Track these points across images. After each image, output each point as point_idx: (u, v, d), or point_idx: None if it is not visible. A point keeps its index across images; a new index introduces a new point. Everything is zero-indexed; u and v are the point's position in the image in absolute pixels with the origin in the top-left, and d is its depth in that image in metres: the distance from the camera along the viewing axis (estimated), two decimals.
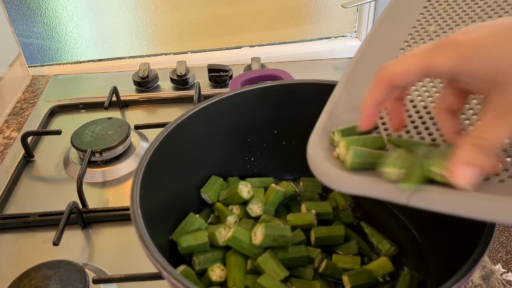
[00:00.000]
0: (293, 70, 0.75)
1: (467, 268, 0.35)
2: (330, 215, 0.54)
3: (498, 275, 1.48)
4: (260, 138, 0.59)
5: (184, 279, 0.35)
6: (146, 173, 0.45)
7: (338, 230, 0.52)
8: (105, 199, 0.68)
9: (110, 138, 0.73)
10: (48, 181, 0.72)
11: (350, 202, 0.57)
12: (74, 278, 0.53)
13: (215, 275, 0.47)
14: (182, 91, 0.91)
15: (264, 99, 0.56)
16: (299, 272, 0.48)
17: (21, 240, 0.62)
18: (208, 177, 0.57)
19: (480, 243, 0.37)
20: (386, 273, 0.49)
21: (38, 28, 1.03)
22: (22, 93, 0.95)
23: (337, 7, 1.10)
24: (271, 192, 0.54)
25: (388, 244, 0.52)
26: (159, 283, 0.52)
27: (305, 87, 0.56)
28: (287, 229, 0.49)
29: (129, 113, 0.86)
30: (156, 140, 0.48)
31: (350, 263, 0.50)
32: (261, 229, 0.47)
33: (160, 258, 0.37)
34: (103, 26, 1.06)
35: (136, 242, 0.39)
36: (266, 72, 0.72)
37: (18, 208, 0.67)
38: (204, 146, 0.55)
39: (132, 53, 1.10)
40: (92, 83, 0.96)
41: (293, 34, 1.13)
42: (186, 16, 1.08)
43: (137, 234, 0.39)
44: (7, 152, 0.78)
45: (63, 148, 0.78)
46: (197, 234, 0.49)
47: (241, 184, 0.53)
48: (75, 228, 0.63)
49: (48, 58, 1.08)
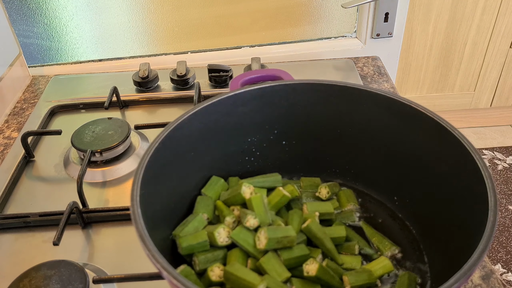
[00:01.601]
0: (293, 70, 0.76)
1: (467, 268, 0.35)
2: (331, 215, 0.54)
3: (498, 275, 1.48)
4: (260, 138, 0.59)
5: (184, 279, 0.35)
6: (146, 173, 0.44)
7: (340, 230, 0.52)
8: (105, 199, 0.68)
9: (110, 138, 0.73)
10: (48, 181, 0.72)
11: (355, 203, 0.57)
12: (74, 278, 0.53)
13: (214, 275, 0.47)
14: (182, 91, 0.91)
15: (264, 99, 0.56)
16: (299, 272, 0.48)
17: (21, 240, 0.62)
18: (208, 177, 0.57)
19: (480, 243, 0.37)
20: (386, 273, 0.49)
21: (38, 28, 1.04)
22: (22, 93, 0.95)
23: (337, 7, 1.11)
24: (277, 195, 0.54)
25: (389, 244, 0.52)
26: (159, 283, 0.52)
27: (305, 87, 0.56)
28: (290, 229, 0.48)
29: (129, 113, 0.86)
30: (156, 140, 0.48)
31: (351, 263, 0.50)
32: (264, 233, 0.47)
33: (160, 258, 0.37)
34: (103, 26, 1.07)
35: (136, 242, 0.39)
36: (267, 73, 0.72)
37: (18, 208, 0.67)
38: (204, 146, 0.55)
39: (132, 53, 1.10)
40: (92, 83, 0.96)
41: (293, 34, 1.14)
42: (186, 16, 1.08)
43: (137, 234, 0.39)
44: (7, 152, 0.78)
45: (63, 148, 0.78)
46: (197, 233, 0.49)
47: (243, 185, 0.53)
48: (75, 228, 0.63)
49: (48, 58, 1.08)
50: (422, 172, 0.52)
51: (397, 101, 0.52)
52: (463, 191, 0.46)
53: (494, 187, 0.41)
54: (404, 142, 0.54)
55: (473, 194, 0.43)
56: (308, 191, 0.58)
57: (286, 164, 0.61)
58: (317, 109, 0.57)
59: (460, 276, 0.35)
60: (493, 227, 0.38)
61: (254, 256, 0.48)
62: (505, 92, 1.91)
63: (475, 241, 0.38)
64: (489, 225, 0.38)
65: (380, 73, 0.96)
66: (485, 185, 0.41)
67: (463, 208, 0.45)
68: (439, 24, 1.69)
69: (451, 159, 0.48)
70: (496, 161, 1.89)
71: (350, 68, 0.97)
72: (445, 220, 0.49)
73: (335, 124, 0.58)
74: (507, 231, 1.60)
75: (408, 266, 0.51)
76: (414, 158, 0.53)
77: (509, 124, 2.08)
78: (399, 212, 0.56)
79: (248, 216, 0.49)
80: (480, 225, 0.39)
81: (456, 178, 0.47)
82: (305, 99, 0.56)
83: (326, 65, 0.98)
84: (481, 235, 0.38)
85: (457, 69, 1.82)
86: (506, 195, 1.74)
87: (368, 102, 0.54)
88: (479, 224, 0.39)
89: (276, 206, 0.54)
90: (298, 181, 0.60)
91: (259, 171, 0.60)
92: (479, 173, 0.43)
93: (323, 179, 0.61)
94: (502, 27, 1.73)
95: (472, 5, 1.66)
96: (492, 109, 2.01)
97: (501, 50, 1.78)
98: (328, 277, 0.47)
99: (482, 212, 0.40)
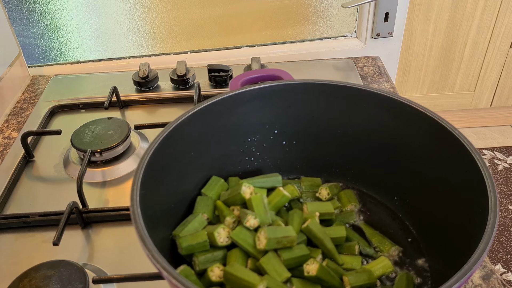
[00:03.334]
0: (293, 70, 0.76)
1: (467, 268, 0.35)
2: (331, 215, 0.54)
3: (498, 275, 1.48)
4: (260, 138, 0.59)
5: (184, 279, 0.35)
6: (146, 173, 0.44)
7: (340, 230, 0.52)
8: (105, 199, 0.68)
9: (110, 138, 0.73)
10: (48, 181, 0.72)
11: (356, 204, 0.57)
12: (74, 278, 0.53)
13: (214, 275, 0.47)
14: (182, 91, 0.91)
15: (264, 99, 0.56)
16: (299, 272, 0.48)
17: (21, 240, 0.62)
18: (208, 177, 0.57)
19: (480, 243, 0.37)
20: (386, 273, 0.49)
21: (38, 28, 1.03)
22: (22, 93, 0.95)
23: (337, 7, 1.11)
24: (277, 195, 0.54)
25: (389, 244, 0.52)
26: (159, 283, 0.52)
27: (305, 87, 0.56)
28: (290, 229, 0.48)
29: (129, 113, 0.86)
30: (156, 140, 0.48)
31: (351, 263, 0.50)
32: (264, 233, 0.47)
33: (160, 258, 0.37)
34: (103, 26, 1.06)
35: (136, 242, 0.39)
36: (266, 72, 0.72)
37: (18, 208, 0.67)
38: (203, 146, 0.55)
39: (132, 53, 1.10)
40: (92, 83, 0.96)
41: (293, 34, 1.14)
42: (186, 16, 1.08)
43: (137, 234, 0.39)
44: (7, 152, 0.78)
45: (63, 148, 0.78)
46: (197, 234, 0.49)
47: (244, 185, 0.53)
48: (75, 228, 0.63)
49: (48, 58, 1.08)
50: (422, 172, 0.52)
51: (397, 101, 0.52)
52: (463, 191, 0.46)
53: (494, 186, 0.41)
54: (404, 142, 0.54)
55: (473, 194, 0.43)
56: (308, 191, 0.58)
57: (286, 164, 0.61)
58: (317, 109, 0.57)
59: (460, 276, 0.35)
60: (494, 227, 0.38)
61: (254, 256, 0.48)
62: (505, 92, 1.91)
63: (475, 241, 0.38)
64: (489, 225, 0.38)
65: (380, 73, 0.96)
66: (485, 185, 0.41)
67: (463, 208, 0.45)
68: (439, 24, 1.69)
69: (451, 159, 0.47)
70: (496, 161, 1.89)
71: (350, 68, 0.97)
72: (445, 220, 0.49)
73: (335, 124, 0.58)
74: (507, 231, 1.60)
75: (408, 266, 0.51)
76: (414, 158, 0.53)
77: (509, 124, 2.08)
78: (399, 212, 0.56)
79: (248, 216, 0.49)
80: (480, 225, 0.39)
81: (456, 178, 0.47)
82: (305, 99, 0.56)
83: (326, 65, 0.98)
84: (482, 235, 0.38)
85: (457, 69, 1.82)
86: (506, 195, 1.74)
87: (368, 102, 0.54)
88: (479, 224, 0.39)
89: (276, 206, 0.53)
90: (298, 181, 0.60)
91: (259, 171, 0.60)
92: (479, 173, 0.43)
93: (323, 179, 0.61)
94: (502, 27, 1.73)
95: (472, 5, 1.66)
96: (492, 109, 2.01)
97: (501, 50, 1.78)
98: (329, 277, 0.47)
99: (482, 212, 0.40)
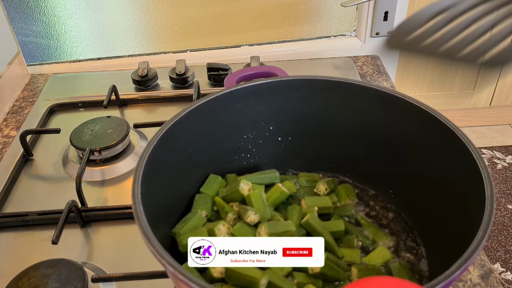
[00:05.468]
0: (292, 69, 0.76)
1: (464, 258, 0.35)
2: (330, 209, 0.54)
3: (497, 274, 1.48)
4: (256, 135, 0.59)
5: (190, 274, 0.35)
6: (146, 171, 0.44)
7: (338, 224, 0.52)
8: (104, 197, 0.68)
9: (109, 137, 0.73)
10: (47, 179, 0.72)
11: (353, 198, 0.57)
12: (73, 277, 0.53)
13: (216, 271, 0.47)
14: (181, 89, 0.90)
15: (259, 96, 0.56)
16: None
17: (20, 238, 0.62)
18: (206, 174, 0.57)
19: (479, 231, 0.37)
20: (386, 262, 0.50)
21: (37, 27, 1.03)
22: (21, 92, 0.95)
23: (337, 6, 1.11)
24: (275, 191, 0.54)
25: (384, 235, 0.53)
26: (158, 282, 0.52)
27: (299, 83, 0.56)
28: (290, 224, 0.49)
29: (128, 111, 0.86)
30: (154, 138, 0.48)
31: (351, 256, 0.50)
32: (264, 229, 0.47)
33: (165, 254, 0.37)
34: (102, 25, 1.06)
35: (135, 241, 0.39)
36: (261, 70, 0.72)
37: (17, 207, 0.67)
38: (201, 144, 0.55)
39: (131, 51, 1.10)
40: (91, 82, 0.96)
41: (292, 33, 1.14)
42: (185, 14, 1.08)
43: (141, 232, 0.39)
44: (6, 151, 0.78)
45: (62, 146, 0.77)
46: (197, 231, 0.49)
47: (242, 182, 0.53)
48: (74, 226, 0.63)
49: (47, 56, 1.08)
50: (417, 163, 0.53)
51: (390, 95, 0.52)
52: (458, 181, 0.46)
53: (490, 176, 0.41)
54: (398, 135, 0.54)
55: (468, 184, 0.43)
56: (306, 186, 0.59)
57: (282, 160, 0.61)
58: (312, 105, 0.57)
59: (461, 263, 0.34)
60: (491, 215, 0.38)
61: None
62: (505, 91, 1.91)
63: (472, 231, 0.37)
64: (486, 213, 0.38)
65: (380, 72, 0.96)
66: (481, 175, 0.41)
67: (459, 198, 0.45)
68: None
69: (445, 150, 0.48)
70: (495, 160, 1.89)
71: (349, 67, 0.97)
72: (442, 211, 0.49)
73: (331, 119, 0.58)
74: (506, 230, 1.60)
75: (405, 257, 0.51)
76: (408, 150, 0.53)
77: (508, 123, 2.08)
78: (395, 204, 0.57)
79: (249, 212, 0.49)
80: (478, 214, 0.38)
81: (450, 169, 0.47)
82: (300, 95, 0.56)
83: (325, 64, 0.98)
84: (479, 225, 0.37)
85: (456, 68, 1.82)
86: (505, 194, 1.74)
87: (363, 96, 0.54)
88: (476, 214, 0.39)
89: (275, 203, 0.54)
90: (295, 176, 0.60)
91: (256, 167, 0.60)
92: (474, 163, 0.43)
93: (319, 174, 0.61)
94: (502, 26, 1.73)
95: None
96: (491, 108, 2.01)
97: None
98: (332, 271, 0.47)
99: (479, 201, 0.40)
